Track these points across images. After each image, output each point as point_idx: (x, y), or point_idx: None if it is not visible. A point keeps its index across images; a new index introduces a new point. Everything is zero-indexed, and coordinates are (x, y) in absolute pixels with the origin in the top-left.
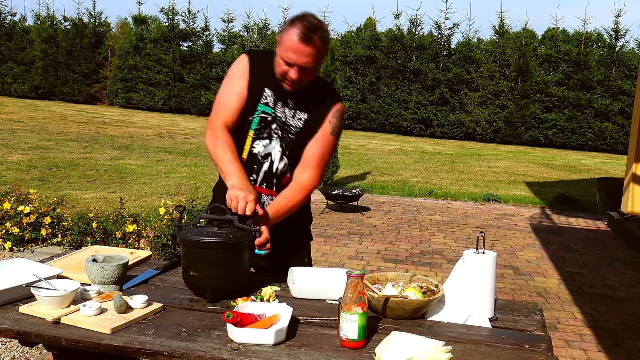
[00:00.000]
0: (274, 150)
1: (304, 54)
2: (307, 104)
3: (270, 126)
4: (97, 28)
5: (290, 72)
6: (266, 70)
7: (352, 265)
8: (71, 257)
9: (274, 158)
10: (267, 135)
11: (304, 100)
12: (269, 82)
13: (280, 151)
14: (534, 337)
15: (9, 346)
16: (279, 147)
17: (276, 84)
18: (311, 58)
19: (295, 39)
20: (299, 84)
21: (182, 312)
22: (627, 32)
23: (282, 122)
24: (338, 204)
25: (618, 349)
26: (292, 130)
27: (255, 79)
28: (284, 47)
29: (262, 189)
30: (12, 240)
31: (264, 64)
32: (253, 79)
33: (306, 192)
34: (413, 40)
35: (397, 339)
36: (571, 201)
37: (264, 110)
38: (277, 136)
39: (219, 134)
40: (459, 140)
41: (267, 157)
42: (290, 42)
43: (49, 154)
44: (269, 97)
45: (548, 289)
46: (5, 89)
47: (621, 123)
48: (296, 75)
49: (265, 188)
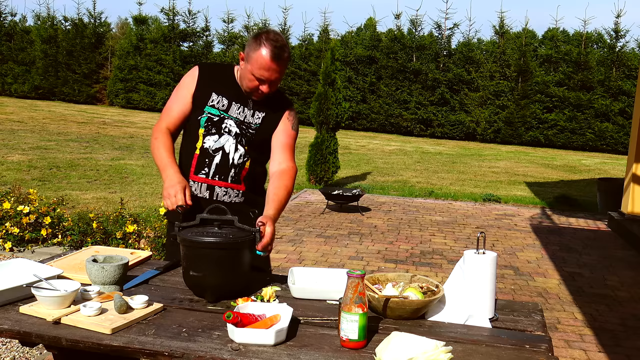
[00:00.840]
0: (226, 143)
1: (276, 71)
2: (264, 105)
3: (218, 124)
4: (97, 28)
5: (262, 87)
6: (216, 77)
7: (352, 265)
8: (71, 257)
9: (228, 150)
10: (216, 131)
11: (262, 101)
12: (217, 88)
13: (233, 143)
14: (534, 337)
15: (9, 346)
16: (232, 139)
17: (228, 87)
18: (280, 73)
19: (267, 58)
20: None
21: (182, 312)
22: (627, 32)
23: (241, 120)
24: (338, 204)
25: (618, 348)
26: (251, 126)
27: (202, 85)
28: (256, 65)
29: (215, 181)
30: (12, 240)
31: (213, 72)
32: (200, 85)
33: (292, 175)
34: (413, 40)
35: (397, 339)
36: (571, 201)
37: (210, 112)
38: (228, 131)
39: (157, 134)
40: (459, 140)
41: (219, 150)
42: (263, 60)
43: (49, 154)
44: (215, 100)
45: (548, 289)
46: (5, 89)
47: (621, 123)
48: (268, 89)
49: (218, 179)
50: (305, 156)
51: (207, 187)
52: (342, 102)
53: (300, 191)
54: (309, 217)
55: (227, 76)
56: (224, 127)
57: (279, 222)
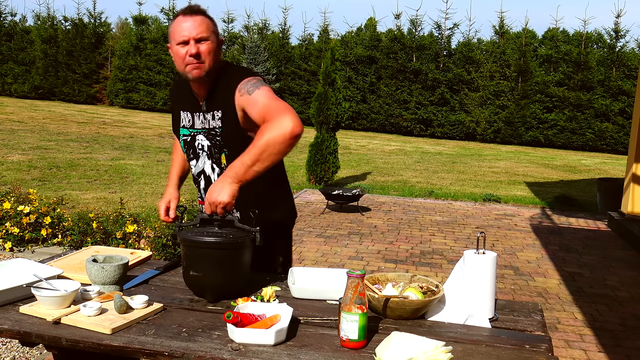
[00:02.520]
0: (205, 166)
1: (194, 26)
2: (217, 100)
3: (192, 145)
4: (97, 28)
5: (189, 48)
6: (178, 94)
7: (352, 265)
8: (71, 257)
9: (207, 172)
10: (194, 155)
11: (213, 98)
12: (181, 105)
13: (209, 163)
14: (534, 337)
15: (9, 346)
16: (207, 159)
17: (186, 100)
18: (203, 27)
19: (179, 17)
20: (203, 62)
21: (182, 312)
22: (627, 32)
23: (207, 129)
24: (338, 204)
25: (618, 348)
26: (216, 131)
27: (173, 108)
28: (174, 35)
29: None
30: (12, 240)
31: (175, 90)
32: (172, 109)
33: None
34: (413, 40)
35: (397, 339)
36: (571, 201)
37: (184, 133)
38: (202, 151)
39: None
40: (459, 140)
41: (201, 174)
42: (176, 25)
43: (49, 154)
44: (184, 119)
45: (548, 289)
46: (5, 89)
47: (621, 123)
48: (195, 48)
49: None
50: (305, 156)
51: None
52: (342, 102)
53: (300, 191)
54: (309, 217)
55: (184, 88)
56: (197, 145)
57: None
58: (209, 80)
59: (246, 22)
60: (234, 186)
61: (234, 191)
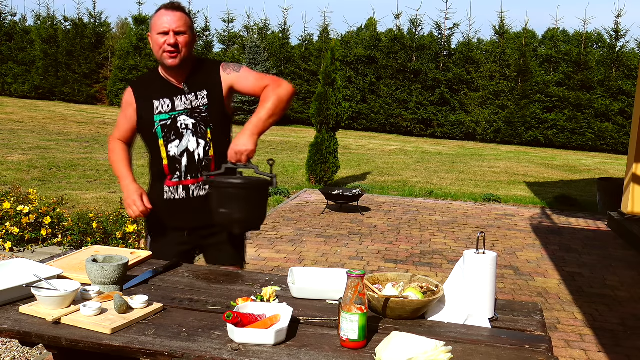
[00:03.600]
0: (189, 144)
1: (174, 20)
2: (200, 82)
3: (173, 126)
4: (97, 28)
5: (168, 39)
6: (148, 87)
7: (352, 265)
8: (71, 257)
9: (192, 149)
10: (176, 136)
11: (195, 81)
12: (155, 94)
13: (194, 140)
14: (534, 337)
15: (9, 346)
16: (192, 137)
17: (161, 89)
18: (182, 22)
19: (162, 11)
20: (179, 51)
21: (182, 312)
22: (627, 32)
23: (190, 109)
24: (338, 204)
25: (618, 348)
26: (201, 109)
27: (141, 101)
28: (155, 26)
29: (188, 180)
30: (12, 240)
31: (143, 84)
32: (139, 102)
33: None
34: (413, 40)
35: (397, 339)
36: (571, 201)
37: (161, 119)
38: (187, 129)
39: (113, 146)
40: (459, 140)
41: (184, 153)
42: (158, 17)
43: (49, 154)
44: (159, 106)
45: (548, 289)
46: (5, 89)
47: (621, 123)
48: (173, 39)
49: (191, 178)
50: (305, 156)
51: (182, 188)
52: (342, 102)
53: (300, 191)
54: (309, 217)
55: (156, 79)
56: (180, 125)
57: (279, 222)
58: (185, 67)
59: (246, 22)
60: (255, 137)
61: (255, 140)
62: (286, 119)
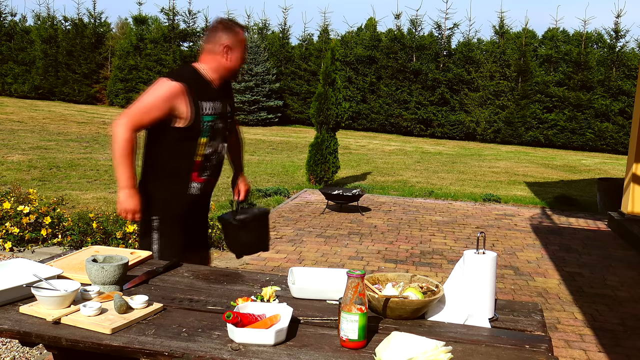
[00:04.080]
0: (219, 146)
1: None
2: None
3: (214, 128)
4: (97, 28)
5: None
6: (197, 86)
7: (352, 265)
8: (71, 257)
9: (219, 150)
10: (213, 136)
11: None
12: (201, 95)
13: (222, 141)
14: (534, 337)
15: (9, 346)
16: (221, 139)
17: (208, 93)
18: None
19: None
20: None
21: (182, 312)
22: (627, 32)
23: (222, 113)
24: (338, 204)
25: (618, 348)
26: (228, 115)
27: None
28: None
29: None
30: (12, 240)
31: (192, 83)
32: (192, 100)
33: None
34: (413, 40)
35: (397, 339)
36: (571, 201)
37: (208, 120)
38: (218, 132)
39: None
40: (459, 140)
41: (214, 153)
42: (242, 34)
43: (49, 154)
44: (207, 108)
45: (548, 289)
46: (5, 89)
47: (621, 123)
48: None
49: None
50: (305, 156)
51: (204, 184)
52: (342, 102)
53: (300, 191)
54: (309, 217)
55: (201, 80)
56: (216, 128)
57: (279, 222)
58: None
59: (246, 22)
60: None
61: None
62: (286, 118)
